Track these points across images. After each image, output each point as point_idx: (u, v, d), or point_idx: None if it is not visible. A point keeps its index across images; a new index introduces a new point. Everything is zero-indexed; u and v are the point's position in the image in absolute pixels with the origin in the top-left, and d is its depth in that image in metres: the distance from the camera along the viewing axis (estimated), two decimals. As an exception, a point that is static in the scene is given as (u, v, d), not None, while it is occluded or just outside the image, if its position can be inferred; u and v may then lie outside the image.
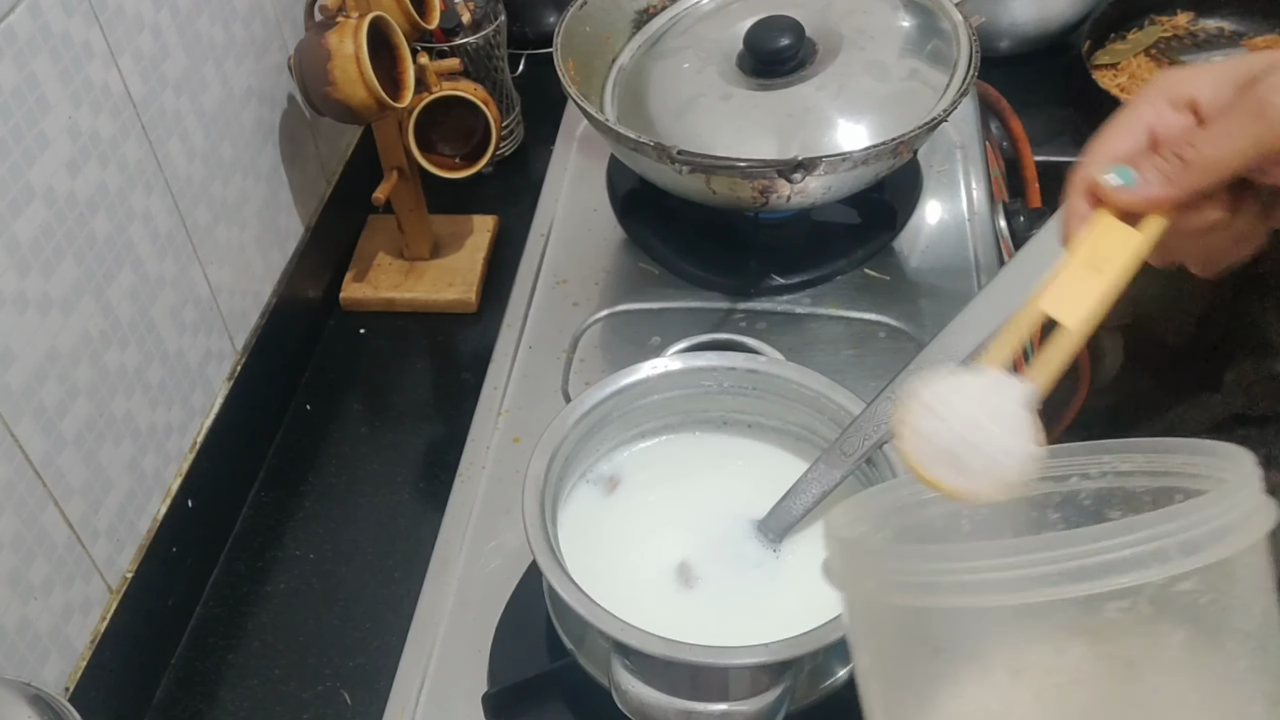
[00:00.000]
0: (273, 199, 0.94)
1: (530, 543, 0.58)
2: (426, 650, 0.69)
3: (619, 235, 0.96)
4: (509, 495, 0.76)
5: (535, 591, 0.67)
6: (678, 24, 0.98)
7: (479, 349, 0.93)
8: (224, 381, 0.87)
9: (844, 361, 0.84)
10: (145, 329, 0.76)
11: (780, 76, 0.88)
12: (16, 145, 0.62)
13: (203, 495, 0.82)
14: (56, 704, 0.53)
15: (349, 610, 0.80)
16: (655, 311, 0.89)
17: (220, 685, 0.77)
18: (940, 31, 0.90)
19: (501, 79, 1.10)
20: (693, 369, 0.67)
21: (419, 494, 0.87)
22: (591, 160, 1.03)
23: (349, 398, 0.96)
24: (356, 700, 0.75)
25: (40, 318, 0.65)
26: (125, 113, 0.72)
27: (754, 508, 0.65)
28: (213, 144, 0.84)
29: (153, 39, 0.75)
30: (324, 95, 0.86)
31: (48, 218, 0.65)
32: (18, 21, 0.62)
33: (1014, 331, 0.45)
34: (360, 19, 0.85)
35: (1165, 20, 1.23)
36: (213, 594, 0.83)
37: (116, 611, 0.72)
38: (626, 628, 0.53)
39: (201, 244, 0.82)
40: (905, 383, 0.58)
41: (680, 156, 0.79)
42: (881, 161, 0.82)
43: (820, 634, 0.53)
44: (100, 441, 0.71)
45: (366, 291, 1.03)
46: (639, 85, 0.94)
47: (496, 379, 0.85)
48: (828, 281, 0.90)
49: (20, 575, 0.64)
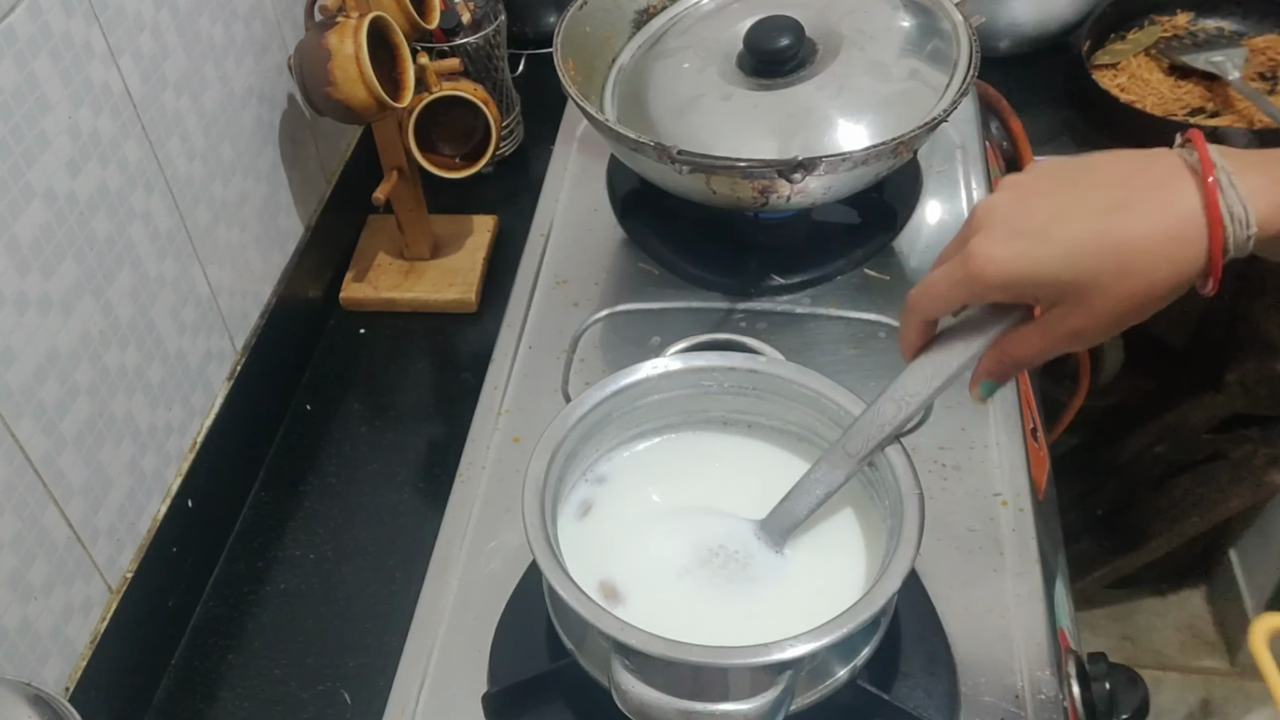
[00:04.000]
0: (273, 199, 0.94)
1: (530, 543, 0.58)
2: (426, 650, 0.69)
3: (619, 235, 0.96)
4: (509, 495, 0.76)
5: (535, 591, 0.67)
6: (678, 24, 0.98)
7: (479, 349, 0.93)
8: (224, 381, 0.87)
9: (844, 361, 0.84)
10: (145, 329, 0.76)
11: (780, 76, 0.88)
12: (16, 145, 0.62)
13: (203, 495, 0.82)
14: (56, 704, 0.53)
15: (349, 610, 0.80)
16: (655, 311, 0.89)
17: (220, 685, 0.77)
18: (940, 31, 0.90)
19: (501, 79, 1.10)
20: (693, 369, 0.67)
21: (419, 494, 0.87)
22: (591, 160, 1.03)
23: (349, 398, 0.96)
24: (356, 700, 0.75)
25: (40, 318, 0.65)
26: (125, 113, 0.72)
27: (754, 508, 0.65)
28: (213, 144, 0.84)
29: (153, 39, 0.75)
30: (324, 95, 0.86)
31: (48, 218, 0.65)
32: (18, 21, 0.62)
33: None
34: (360, 19, 0.85)
35: (1165, 20, 1.23)
36: (213, 594, 0.83)
37: (116, 611, 0.72)
38: (626, 628, 0.53)
39: (201, 244, 0.82)
40: (906, 383, 0.58)
41: (680, 156, 0.79)
42: (881, 161, 0.82)
43: (820, 634, 0.53)
44: (100, 441, 0.71)
45: (366, 291, 1.03)
46: (639, 85, 0.94)
47: (496, 379, 0.85)
48: (828, 281, 0.90)
49: (20, 575, 0.64)
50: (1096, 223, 0.48)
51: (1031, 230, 0.49)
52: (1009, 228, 0.50)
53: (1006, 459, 0.76)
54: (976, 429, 0.78)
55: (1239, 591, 1.66)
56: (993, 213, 0.51)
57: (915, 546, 0.56)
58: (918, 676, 0.65)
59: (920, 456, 0.75)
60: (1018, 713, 0.63)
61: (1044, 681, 0.64)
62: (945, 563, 0.70)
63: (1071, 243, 0.49)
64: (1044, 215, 0.49)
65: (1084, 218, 0.49)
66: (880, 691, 0.61)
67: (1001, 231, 0.50)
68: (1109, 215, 0.48)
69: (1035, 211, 0.50)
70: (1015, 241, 0.50)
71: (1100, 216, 0.48)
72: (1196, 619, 1.73)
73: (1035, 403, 0.86)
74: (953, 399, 0.80)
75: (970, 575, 0.70)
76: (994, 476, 0.75)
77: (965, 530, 0.72)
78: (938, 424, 0.78)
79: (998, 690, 0.64)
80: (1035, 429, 0.82)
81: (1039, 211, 0.50)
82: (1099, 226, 0.48)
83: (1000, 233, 0.50)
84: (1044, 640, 0.66)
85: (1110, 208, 0.48)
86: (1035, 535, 0.72)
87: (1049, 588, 0.70)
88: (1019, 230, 0.50)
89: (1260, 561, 1.62)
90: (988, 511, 0.73)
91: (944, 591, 0.68)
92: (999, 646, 0.66)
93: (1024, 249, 0.49)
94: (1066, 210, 0.49)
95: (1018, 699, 0.64)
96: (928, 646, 0.66)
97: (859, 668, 0.59)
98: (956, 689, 0.64)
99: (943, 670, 0.65)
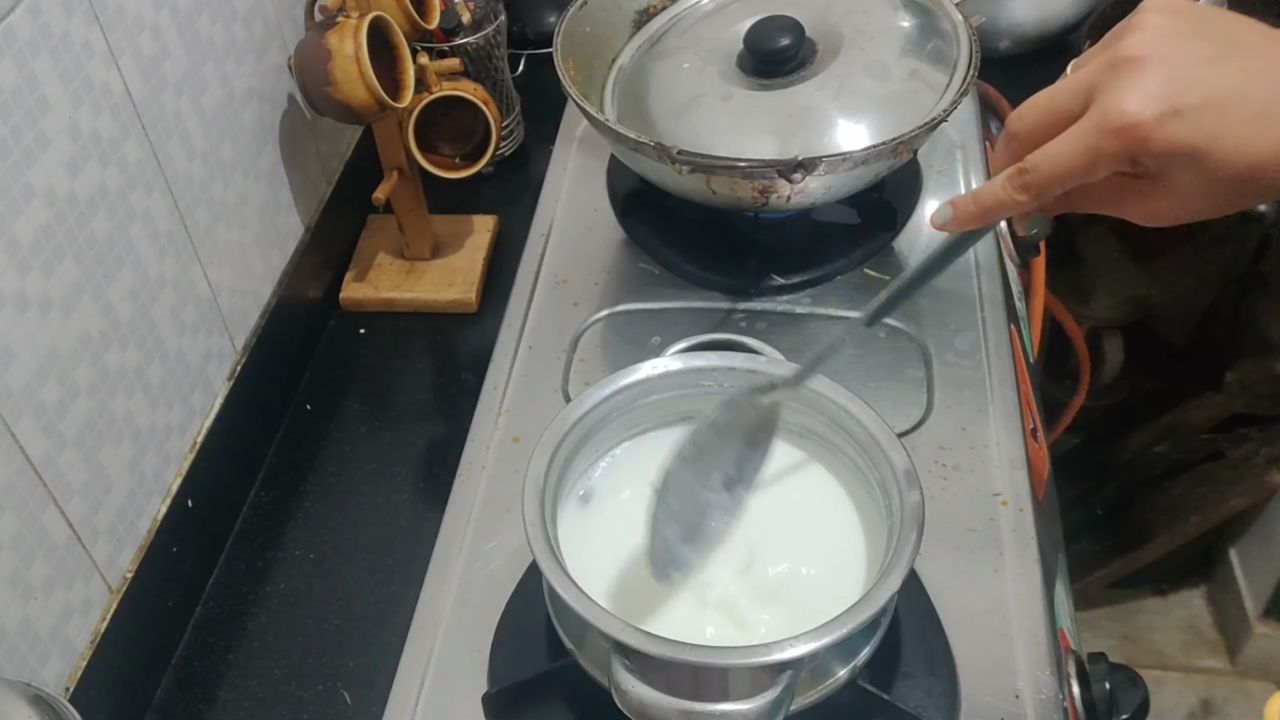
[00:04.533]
0: (273, 199, 0.94)
1: (530, 543, 0.58)
2: (426, 650, 0.69)
3: (619, 235, 0.96)
4: (509, 495, 0.76)
5: (535, 591, 0.67)
6: (678, 24, 0.98)
7: (479, 349, 0.93)
8: (224, 381, 0.87)
9: (844, 361, 0.84)
10: (145, 329, 0.76)
11: (780, 76, 0.88)
12: (16, 145, 0.62)
13: (203, 495, 0.82)
14: (56, 704, 0.53)
15: (349, 610, 0.80)
16: (655, 311, 0.89)
17: (220, 685, 0.77)
18: (940, 31, 0.90)
19: (501, 79, 1.10)
20: (693, 369, 0.67)
21: (419, 494, 0.87)
22: (591, 160, 1.03)
23: (349, 398, 0.96)
24: (356, 700, 0.75)
25: (40, 318, 0.65)
26: (125, 113, 0.72)
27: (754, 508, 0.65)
28: (213, 144, 0.84)
29: (153, 39, 0.75)
30: (324, 95, 0.86)
31: (48, 218, 0.65)
32: (18, 21, 0.62)
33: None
34: (360, 19, 0.85)
35: (1166, 20, 1.23)
36: (213, 594, 0.83)
37: (116, 611, 0.72)
38: (626, 628, 0.53)
39: (201, 244, 0.82)
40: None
41: (680, 156, 0.79)
42: (881, 161, 0.82)
43: (820, 634, 0.53)
44: (100, 441, 0.71)
45: (366, 291, 1.03)
46: (639, 85, 0.94)
47: (496, 379, 0.85)
48: (828, 281, 0.90)
49: (20, 575, 0.64)
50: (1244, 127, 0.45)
51: (1189, 106, 0.45)
52: (1167, 88, 0.46)
53: (1006, 459, 0.76)
54: (976, 429, 0.78)
55: (1239, 591, 1.66)
56: (1152, 60, 0.46)
57: (915, 546, 0.56)
58: (918, 676, 0.65)
59: (920, 456, 0.75)
60: (1018, 713, 0.63)
61: (1044, 681, 0.64)
62: (945, 563, 0.70)
63: (1216, 143, 0.46)
64: (1205, 91, 0.46)
65: (1235, 119, 0.45)
66: (880, 691, 0.61)
67: (1158, 86, 0.46)
68: (1258, 123, 0.45)
69: (1199, 79, 0.46)
70: (1169, 116, 0.46)
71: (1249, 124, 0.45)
72: (1196, 619, 1.74)
73: (1035, 403, 0.86)
74: (953, 399, 0.80)
75: (970, 575, 0.70)
76: (994, 476, 0.75)
77: (965, 530, 0.72)
78: (938, 424, 0.79)
79: (998, 690, 0.64)
80: (1035, 429, 0.82)
81: (1202, 83, 0.46)
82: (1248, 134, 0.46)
83: (1156, 87, 0.46)
84: (1044, 640, 0.66)
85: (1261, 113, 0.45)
86: (1035, 535, 0.72)
87: (1049, 588, 0.70)
88: (1175, 99, 0.45)
89: (1260, 561, 1.62)
90: (988, 511, 0.73)
91: (944, 591, 0.68)
92: (999, 646, 0.66)
93: (1174, 127, 0.46)
94: (1226, 99, 0.46)
95: (1018, 699, 0.64)
96: (928, 646, 0.66)
97: (859, 668, 0.59)
98: (956, 689, 0.64)
99: (943, 670, 0.65)
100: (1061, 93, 0.49)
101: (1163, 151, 0.46)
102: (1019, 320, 0.92)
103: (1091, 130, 0.47)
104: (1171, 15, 0.48)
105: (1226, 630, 1.70)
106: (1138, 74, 0.46)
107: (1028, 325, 0.99)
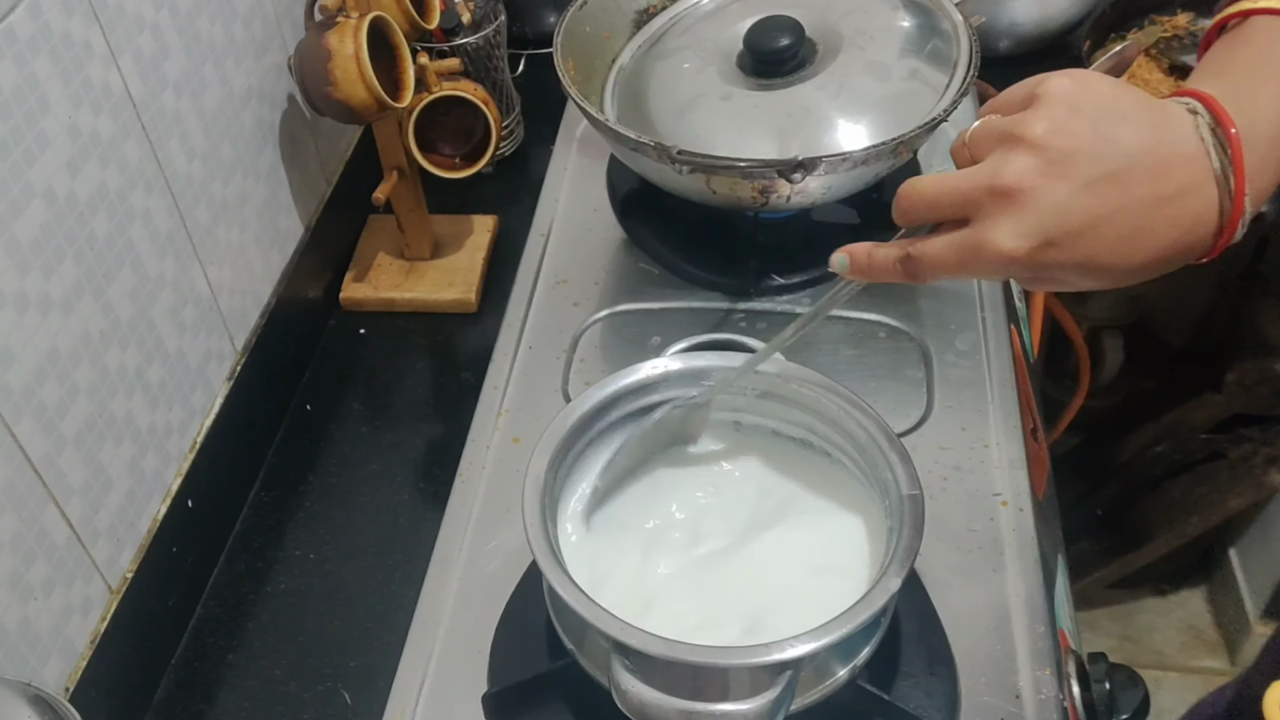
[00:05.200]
0: (273, 199, 0.94)
1: (530, 543, 0.58)
2: (426, 650, 0.69)
3: (619, 235, 0.96)
4: (509, 495, 0.76)
5: (535, 591, 0.67)
6: (678, 24, 0.98)
7: (479, 349, 0.93)
8: (224, 381, 0.87)
9: (844, 361, 0.84)
10: (145, 329, 0.76)
11: (780, 76, 0.88)
12: (16, 145, 0.62)
13: (203, 495, 0.82)
14: (56, 704, 0.53)
15: (349, 610, 0.80)
16: (655, 311, 0.89)
17: (220, 685, 0.77)
18: (940, 31, 0.90)
19: (501, 79, 1.10)
20: (693, 369, 0.67)
21: (419, 494, 0.87)
22: (591, 160, 1.03)
23: (349, 398, 0.96)
24: (356, 700, 0.75)
25: (40, 318, 0.65)
26: (125, 113, 0.72)
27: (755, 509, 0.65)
28: (213, 144, 0.84)
29: (153, 39, 0.75)
30: (324, 95, 0.86)
31: (48, 218, 0.65)
32: (18, 21, 0.62)
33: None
34: (360, 19, 0.85)
35: (1165, 20, 1.23)
36: (213, 594, 0.83)
37: (116, 611, 0.72)
38: (626, 628, 0.53)
39: (201, 244, 0.82)
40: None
41: (680, 156, 0.79)
42: (881, 161, 0.82)
43: (820, 634, 0.53)
44: (100, 441, 0.71)
45: (366, 291, 1.03)
46: (639, 85, 0.94)
47: (496, 379, 0.85)
48: (828, 281, 0.90)
49: (20, 575, 0.64)
50: (1119, 245, 0.48)
51: (1062, 238, 0.47)
52: (1039, 225, 0.47)
53: (1006, 459, 0.76)
54: (976, 429, 0.78)
55: (1239, 591, 1.66)
56: (1028, 196, 0.47)
57: (915, 546, 0.56)
58: (918, 676, 0.65)
59: (920, 456, 0.75)
60: (1018, 713, 0.63)
61: (1044, 681, 0.64)
62: (945, 563, 0.70)
63: (1093, 260, 0.48)
64: (1079, 221, 0.47)
65: (1109, 239, 0.48)
66: (880, 691, 0.61)
67: (1031, 224, 0.47)
68: (1132, 241, 0.48)
69: (1072, 212, 0.47)
70: (1042, 247, 0.48)
71: (1124, 242, 0.48)
72: (1196, 619, 1.74)
73: (1035, 403, 0.86)
74: (953, 399, 0.80)
75: (970, 575, 0.70)
76: (994, 476, 0.75)
77: (965, 530, 0.72)
78: (938, 424, 0.79)
79: (998, 690, 0.64)
80: (1035, 429, 0.82)
81: (1075, 214, 0.47)
82: (1123, 250, 0.48)
83: (1029, 225, 0.47)
84: (1044, 640, 0.66)
85: (1134, 232, 0.48)
86: (1035, 535, 0.72)
87: (1049, 588, 0.70)
88: (1048, 234, 0.47)
89: (1260, 561, 1.62)
90: (988, 511, 0.73)
91: (944, 591, 0.68)
92: (999, 647, 0.66)
93: (1049, 255, 0.48)
94: (1100, 222, 0.47)
95: (1018, 699, 0.64)
96: (928, 646, 0.66)
97: (859, 668, 0.59)
98: (956, 689, 0.64)
99: (943, 670, 0.65)
100: (946, 195, 0.51)
101: (1041, 275, 0.49)
102: (1019, 320, 0.92)
103: (969, 249, 0.49)
104: (1069, 111, 0.48)
105: (1226, 630, 1.70)
106: (1014, 210, 0.48)
107: (1028, 325, 0.99)
